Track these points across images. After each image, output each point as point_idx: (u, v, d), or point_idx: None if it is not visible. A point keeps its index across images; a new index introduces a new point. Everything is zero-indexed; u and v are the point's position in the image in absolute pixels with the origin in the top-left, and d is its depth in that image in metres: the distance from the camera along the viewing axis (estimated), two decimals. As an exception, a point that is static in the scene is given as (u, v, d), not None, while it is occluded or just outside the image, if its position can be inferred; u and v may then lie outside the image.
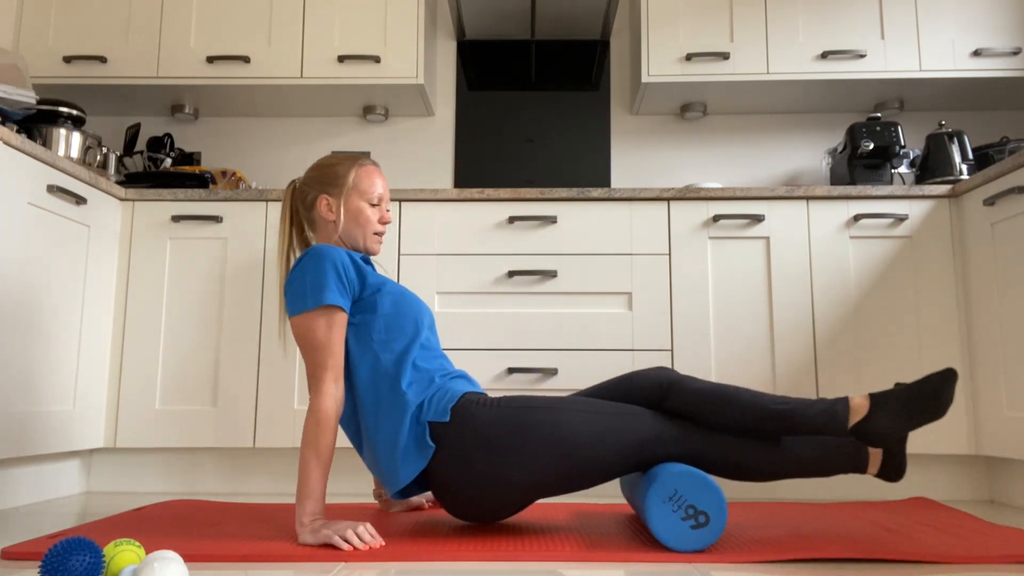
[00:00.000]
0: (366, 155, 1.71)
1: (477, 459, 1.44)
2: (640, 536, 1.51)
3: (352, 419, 1.61)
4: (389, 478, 1.50)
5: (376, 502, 2.02)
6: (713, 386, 1.48)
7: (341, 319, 1.50)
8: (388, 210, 1.71)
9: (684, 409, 1.48)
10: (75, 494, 2.22)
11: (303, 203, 1.69)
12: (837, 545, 1.38)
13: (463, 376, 1.62)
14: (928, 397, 1.39)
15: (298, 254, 1.73)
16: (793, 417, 1.42)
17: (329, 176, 1.66)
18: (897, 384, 1.43)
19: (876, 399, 1.42)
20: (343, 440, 2.22)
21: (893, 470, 1.49)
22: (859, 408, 1.41)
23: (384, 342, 1.54)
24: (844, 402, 1.42)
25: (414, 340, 1.55)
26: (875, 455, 1.52)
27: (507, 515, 1.54)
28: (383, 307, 1.55)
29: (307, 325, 1.49)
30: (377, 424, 1.50)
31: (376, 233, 1.68)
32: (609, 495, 2.23)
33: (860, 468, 1.52)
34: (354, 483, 2.30)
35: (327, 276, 1.49)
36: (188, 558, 1.31)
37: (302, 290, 1.49)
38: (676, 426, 1.47)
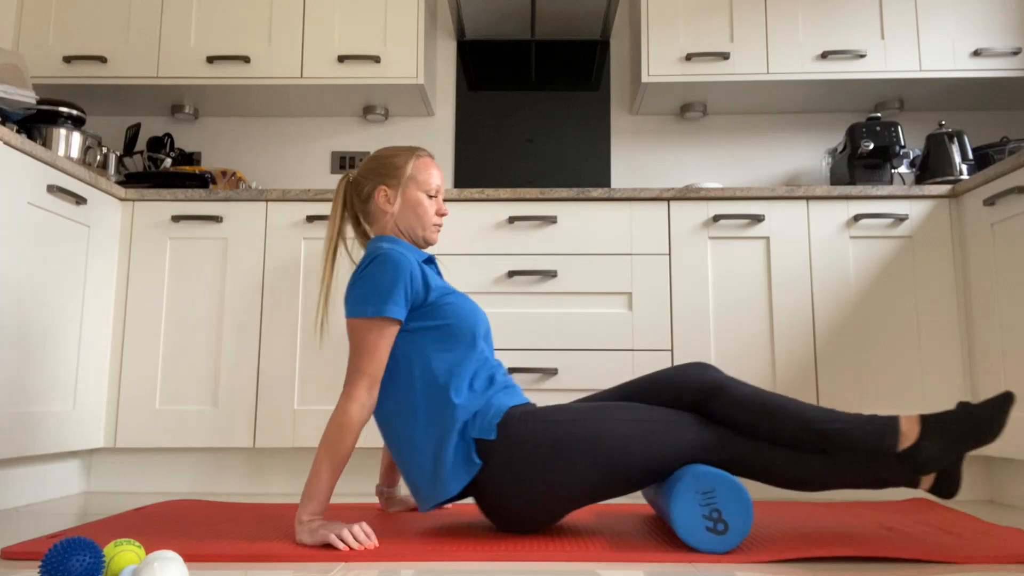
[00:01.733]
0: (421, 148, 1.71)
1: (523, 475, 1.43)
2: (639, 536, 1.51)
3: (389, 422, 1.55)
4: (427, 491, 1.49)
5: (377, 500, 2.02)
6: (758, 396, 1.45)
7: (393, 331, 1.49)
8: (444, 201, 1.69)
9: (728, 417, 1.45)
10: (75, 494, 2.22)
11: (359, 196, 1.67)
12: (837, 545, 1.37)
13: (508, 386, 1.59)
14: (981, 424, 1.35)
15: (355, 247, 1.69)
16: (841, 437, 1.39)
17: (387, 168, 1.65)
18: (960, 404, 1.38)
19: (927, 425, 1.38)
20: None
21: (947, 487, 1.44)
22: (909, 433, 1.38)
23: (439, 352, 1.52)
24: (894, 425, 1.38)
25: (469, 352, 1.54)
26: None
27: (554, 523, 1.54)
28: (443, 316, 1.53)
29: (361, 329, 1.48)
30: (422, 434, 1.49)
31: (434, 224, 1.67)
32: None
33: (913, 483, 1.46)
34: (355, 483, 2.30)
35: (395, 287, 1.48)
36: (188, 558, 1.31)
37: (368, 295, 1.48)
38: (721, 433, 1.45)
